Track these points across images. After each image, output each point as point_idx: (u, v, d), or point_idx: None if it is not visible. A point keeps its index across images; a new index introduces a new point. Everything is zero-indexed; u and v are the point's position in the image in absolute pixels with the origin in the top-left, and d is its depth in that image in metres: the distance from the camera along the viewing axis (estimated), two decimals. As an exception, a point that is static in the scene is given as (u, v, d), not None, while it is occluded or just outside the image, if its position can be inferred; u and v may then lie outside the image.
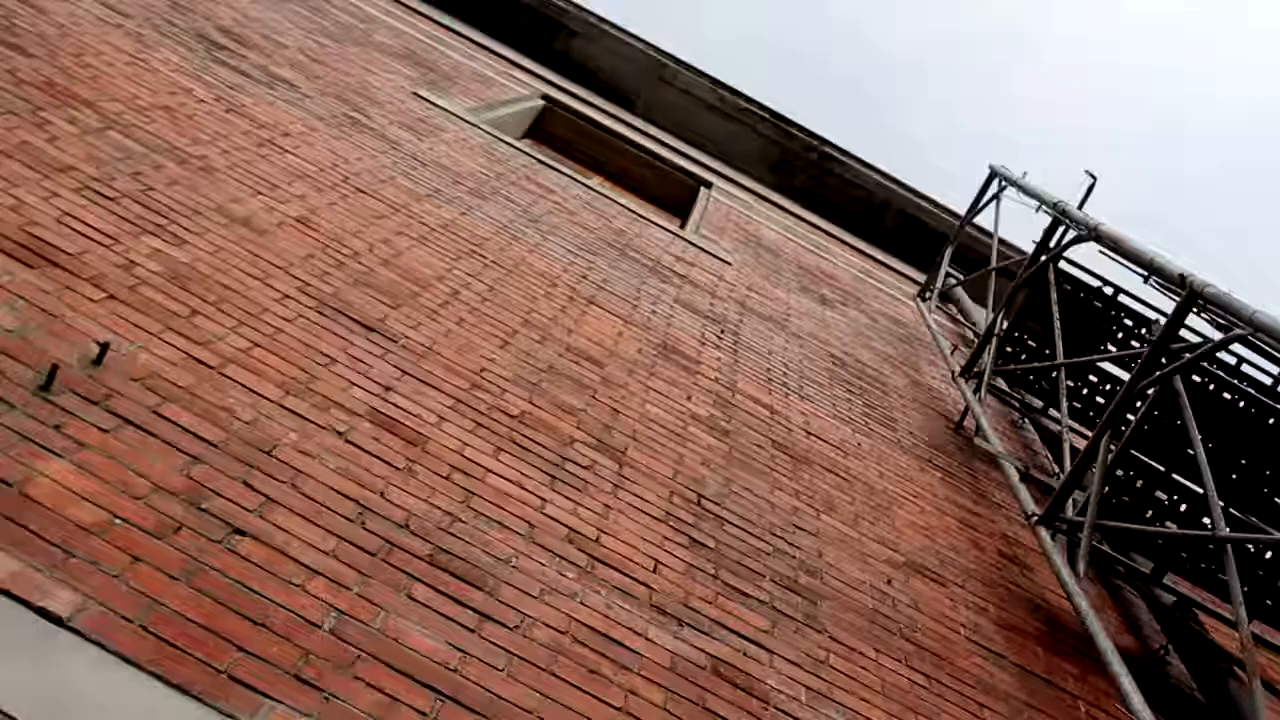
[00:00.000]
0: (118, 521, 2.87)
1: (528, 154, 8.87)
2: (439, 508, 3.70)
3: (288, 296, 4.49)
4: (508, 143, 8.82)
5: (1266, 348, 5.86)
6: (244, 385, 3.76)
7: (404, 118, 7.86)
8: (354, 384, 4.15)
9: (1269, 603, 5.92)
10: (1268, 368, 8.32)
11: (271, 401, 3.75)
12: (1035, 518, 5.92)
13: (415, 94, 8.68)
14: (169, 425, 3.36)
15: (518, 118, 10.81)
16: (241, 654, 2.67)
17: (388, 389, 4.24)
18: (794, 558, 4.72)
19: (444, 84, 9.72)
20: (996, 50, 73.27)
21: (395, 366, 4.43)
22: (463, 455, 4.08)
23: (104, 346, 3.46)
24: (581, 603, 3.62)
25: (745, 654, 3.85)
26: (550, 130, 11.73)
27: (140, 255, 4.16)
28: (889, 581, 4.97)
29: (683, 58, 14.03)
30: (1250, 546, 5.85)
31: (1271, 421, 6.41)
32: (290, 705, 2.61)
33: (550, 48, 13.82)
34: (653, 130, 13.31)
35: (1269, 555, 5.86)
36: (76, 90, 5.21)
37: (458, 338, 4.96)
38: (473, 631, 3.21)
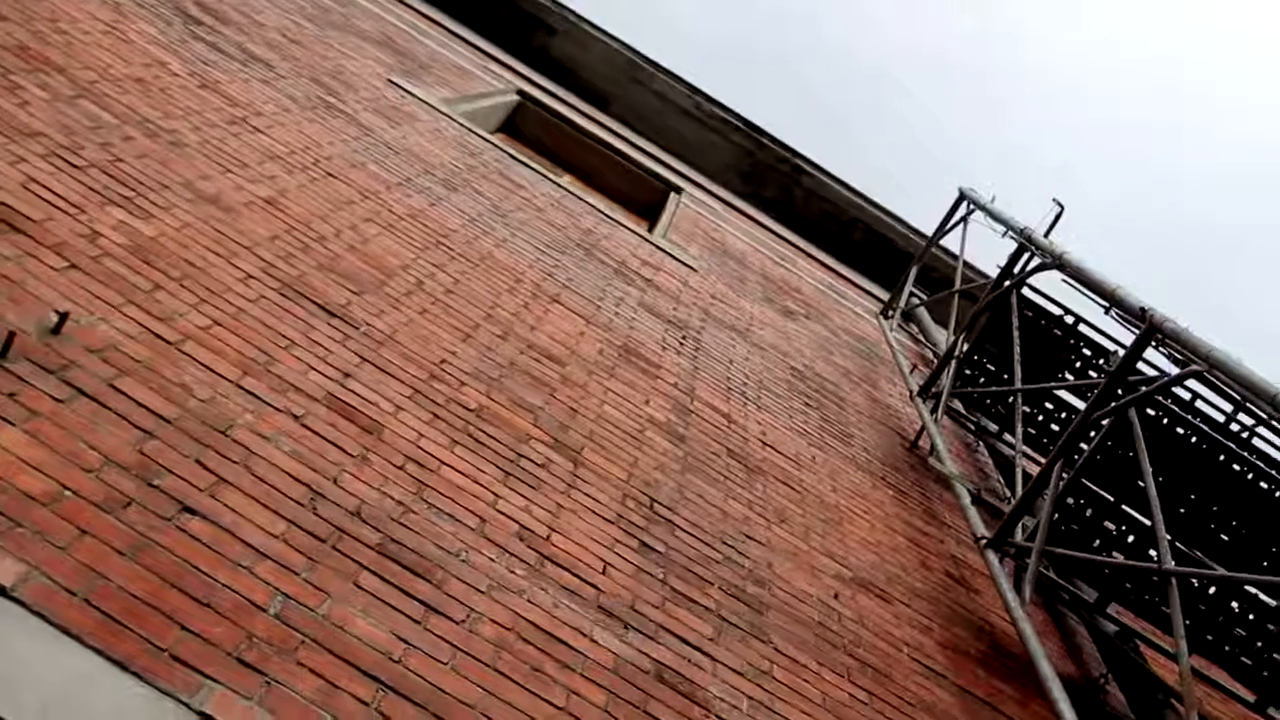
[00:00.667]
0: (67, 493, 2.85)
1: (500, 148, 8.86)
2: (391, 497, 3.69)
3: (251, 277, 4.47)
4: (481, 136, 8.81)
5: (1221, 385, 5.92)
6: (202, 363, 3.73)
7: (378, 104, 7.83)
8: (313, 368, 4.13)
9: (1209, 637, 5.98)
10: (1221, 405, 8.44)
11: (229, 381, 3.73)
12: (984, 541, 5.95)
13: (391, 81, 8.65)
14: (124, 399, 3.33)
15: (492, 112, 10.80)
16: (184, 633, 2.66)
17: (347, 375, 4.22)
18: (743, 567, 4.74)
19: (420, 73, 9.69)
20: (984, 81, 73.71)
21: (355, 353, 4.41)
22: (418, 446, 4.08)
23: (63, 316, 3.43)
24: (529, 600, 3.62)
25: (689, 660, 3.86)
26: (524, 126, 11.71)
27: (105, 226, 4.13)
28: (836, 596, 4.99)
29: (661, 61, 14.04)
30: (1194, 581, 5.91)
31: (1222, 458, 6.48)
32: (230, 687, 2.60)
33: (528, 43, 13.79)
34: (626, 132, 13.30)
35: (1212, 590, 5.92)
36: (50, 56, 5.17)
37: (420, 328, 4.94)
38: (419, 623, 3.20)
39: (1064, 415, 8.46)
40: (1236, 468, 6.48)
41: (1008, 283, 8.23)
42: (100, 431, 3.14)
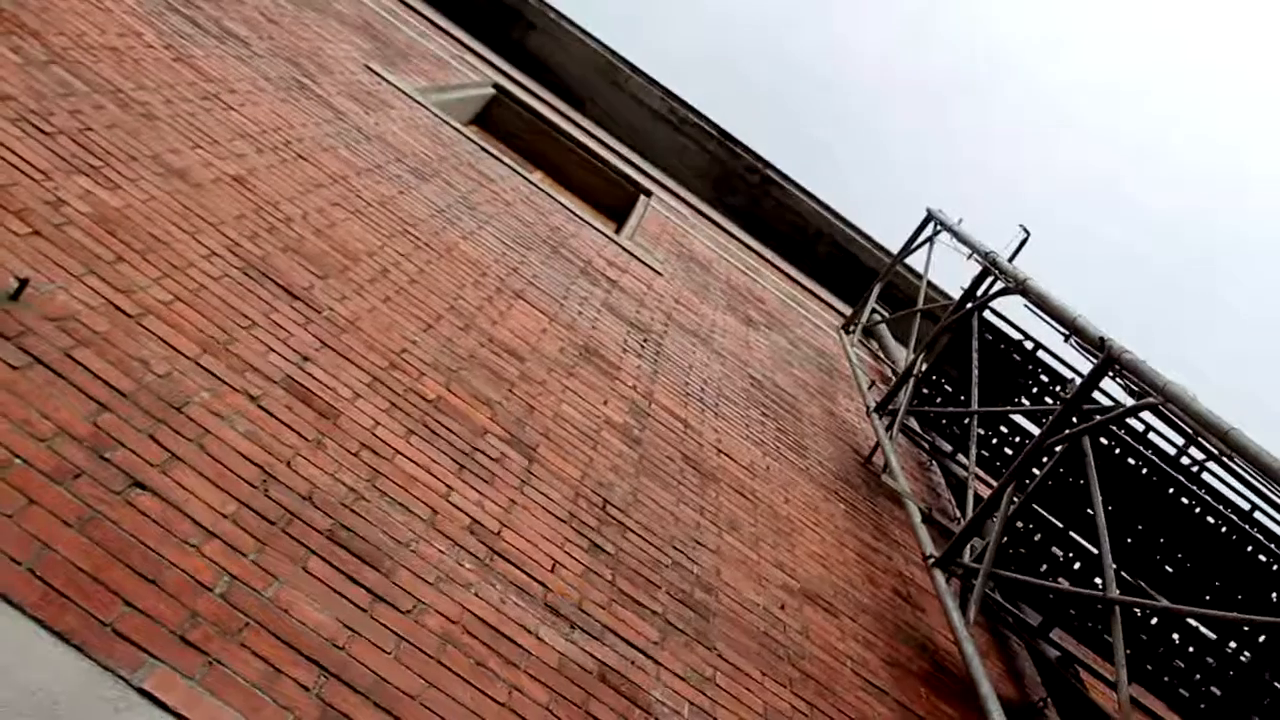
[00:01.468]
0: (17, 461, 2.82)
1: (473, 141, 8.84)
2: (344, 483, 3.67)
3: (215, 254, 4.44)
4: (454, 127, 8.79)
5: (1175, 418, 5.98)
6: (161, 338, 3.71)
7: (353, 89, 7.80)
8: (273, 350, 4.11)
9: (1149, 667, 6.04)
10: (1174, 438, 8.52)
11: (187, 358, 3.71)
12: (933, 559, 5.99)
13: (367, 67, 8.62)
14: (80, 370, 3.30)
15: (467, 103, 10.77)
16: (128, 609, 2.64)
17: (306, 359, 4.20)
18: (692, 573, 4.74)
19: (397, 60, 9.66)
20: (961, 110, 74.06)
21: (316, 337, 4.39)
22: (374, 434, 4.06)
23: (23, 282, 3.40)
24: (476, 594, 3.61)
25: (633, 663, 3.86)
26: (498, 120, 11.68)
27: (71, 195, 4.09)
28: (782, 607, 5.01)
29: (639, 64, 14.05)
30: (1137, 611, 5.97)
31: (1171, 491, 6.54)
32: (172, 665, 2.58)
33: (507, 37, 13.78)
34: (599, 132, 13.30)
35: (1154, 621, 5.98)
36: (24, 20, 5.11)
37: (382, 316, 4.93)
38: (365, 611, 3.19)
39: (1018, 439, 8.53)
40: (1185, 501, 6.55)
41: (970, 305, 8.29)
42: (54, 401, 3.12)
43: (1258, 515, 7.99)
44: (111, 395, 3.30)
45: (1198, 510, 6.58)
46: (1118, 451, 6.60)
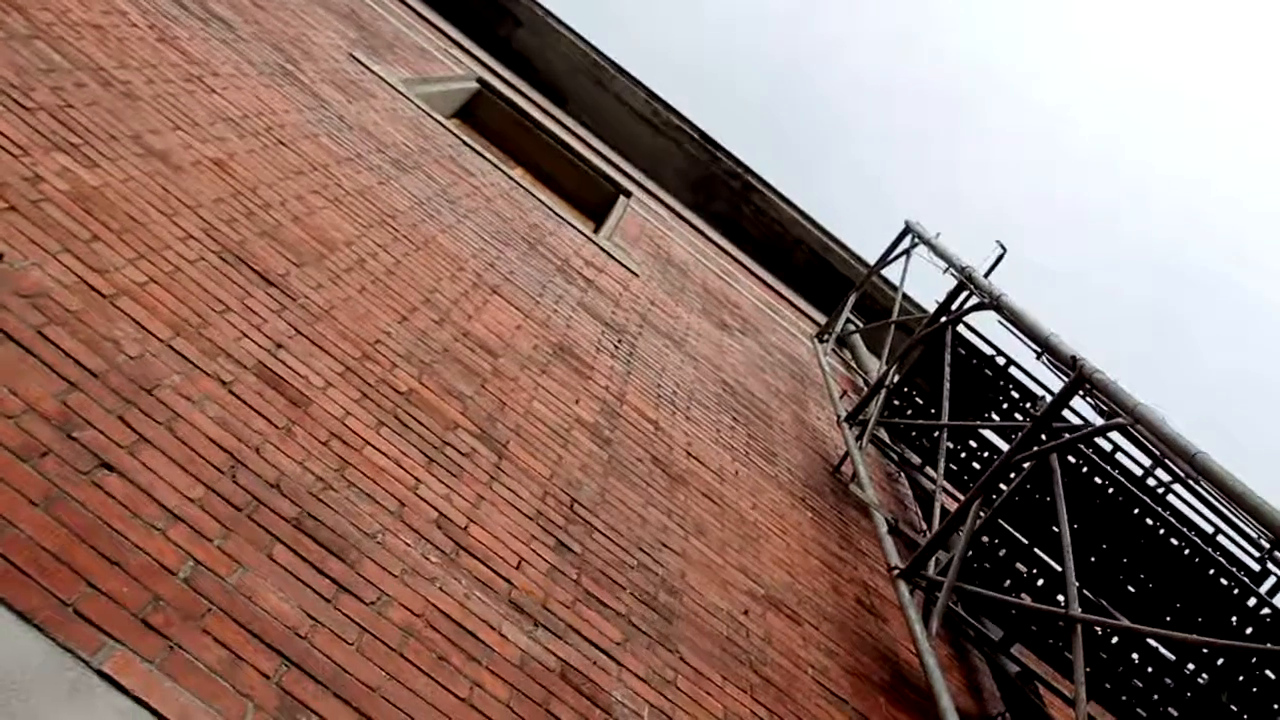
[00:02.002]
0: (-16, 437, 2.81)
1: (455, 134, 8.83)
2: (313, 472, 3.66)
3: (192, 237, 4.42)
4: (436, 120, 8.77)
5: (1144, 440, 6.02)
6: (134, 319, 3.69)
7: (337, 78, 7.77)
8: (246, 335, 4.09)
9: (1108, 686, 6.08)
10: (1141, 459, 8.58)
11: (160, 340, 3.69)
12: (897, 571, 6.01)
13: (352, 55, 8.60)
14: (51, 347, 3.28)
15: (450, 97, 10.75)
16: (91, 590, 2.63)
17: (279, 346, 4.19)
18: (657, 575, 4.75)
19: (383, 50, 9.64)
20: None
21: (290, 324, 4.38)
22: (344, 424, 4.05)
23: (-4, 258, 3.38)
24: (441, 589, 3.61)
25: (595, 663, 3.86)
26: (481, 115, 11.67)
27: (48, 171, 4.07)
28: (746, 612, 5.02)
29: (624, 65, 14.05)
30: (1098, 629, 6.00)
31: (1136, 512, 6.58)
32: (132, 648, 2.57)
33: (494, 32, 13.76)
34: (582, 131, 13.30)
35: (1115, 640, 6.01)
36: (7, -7, 5.08)
37: (357, 306, 4.91)
38: (329, 602, 3.19)
39: (987, 454, 8.57)
40: (1150, 522, 6.59)
41: (944, 318, 8.32)
42: (24, 378, 3.10)
43: (1220, 539, 8.05)
44: (82, 374, 3.28)
45: (1162, 531, 6.62)
46: (1085, 470, 6.64)
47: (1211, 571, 6.54)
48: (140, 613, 2.67)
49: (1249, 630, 6.54)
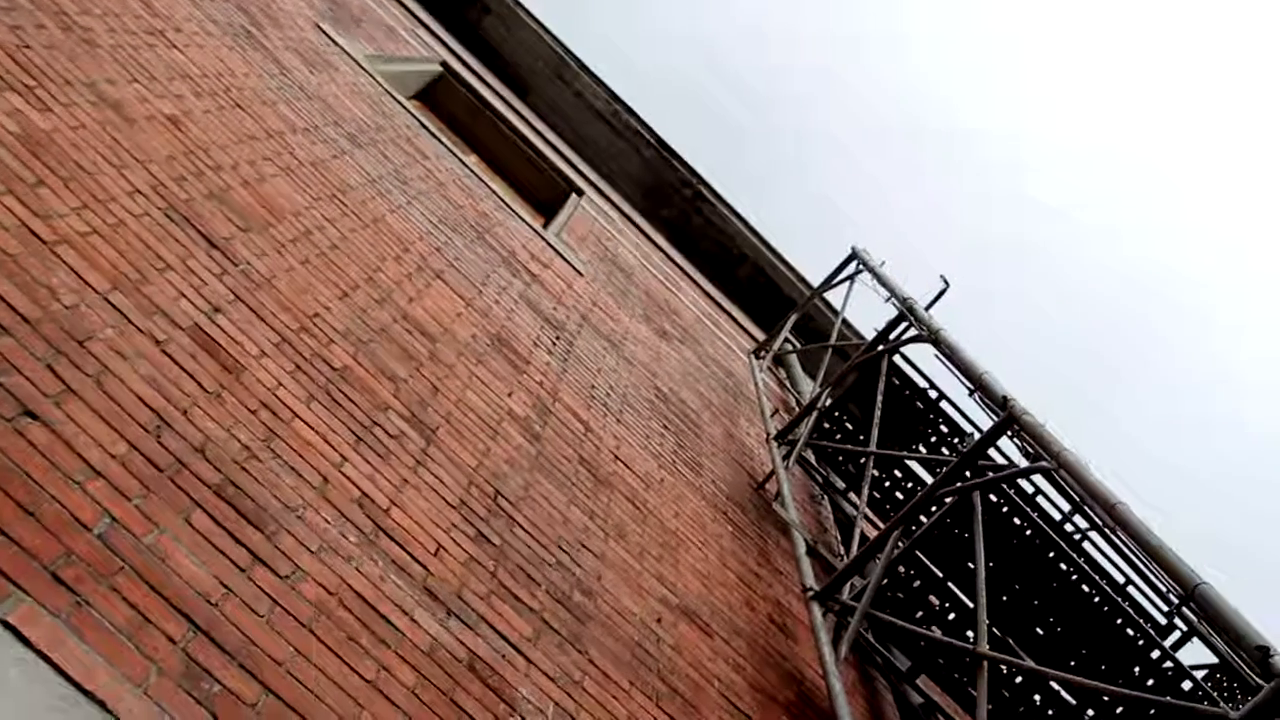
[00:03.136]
0: (-92, 373, 2.76)
1: (413, 115, 8.79)
2: (239, 440, 3.63)
3: (139, 192, 4.37)
4: (396, 99, 8.73)
5: (1065, 485, 6.11)
6: (73, 268, 3.64)
7: (301, 46, 7.71)
8: (184, 296, 4.05)
9: (1006, 725, 6.16)
10: (1061, 504, 8.70)
11: (97, 292, 3.64)
12: (812, 592, 6.06)
13: (318, 26, 8.53)
14: (-15, 289, 3.24)
15: (412, 78, 10.70)
16: (1, 538, 2.59)
17: (217, 310, 4.15)
18: (573, 575, 4.75)
19: (349, 24, 9.58)
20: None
21: (230, 290, 4.34)
22: (275, 394, 4.02)
23: (-62, 193, 3.33)
24: (357, 568, 3.59)
25: (504, 657, 3.86)
26: (440, 99, 11.62)
27: (-2, 110, 4.01)
28: (659, 620, 5.03)
29: (588, 63, 14.05)
30: (1004, 667, 6.07)
31: (1051, 555, 6.67)
32: (39, 601, 2.54)
33: (462, 17, 13.71)
34: (540, 125, 13.28)
35: (1019, 680, 6.09)
36: (-26, -74, 5.00)
37: (299, 277, 4.88)
38: (243, 571, 3.16)
39: (911, 485, 8.65)
40: (1064, 567, 6.68)
41: (881, 347, 8.39)
42: (-46, 317, 3.05)
43: (1131, 589, 8.18)
44: (14, 320, 3.23)
45: (1075, 577, 6.71)
46: (1006, 510, 6.72)
47: (1119, 621, 6.64)
48: (52, 566, 2.64)
49: (1150, 681, 6.64)
